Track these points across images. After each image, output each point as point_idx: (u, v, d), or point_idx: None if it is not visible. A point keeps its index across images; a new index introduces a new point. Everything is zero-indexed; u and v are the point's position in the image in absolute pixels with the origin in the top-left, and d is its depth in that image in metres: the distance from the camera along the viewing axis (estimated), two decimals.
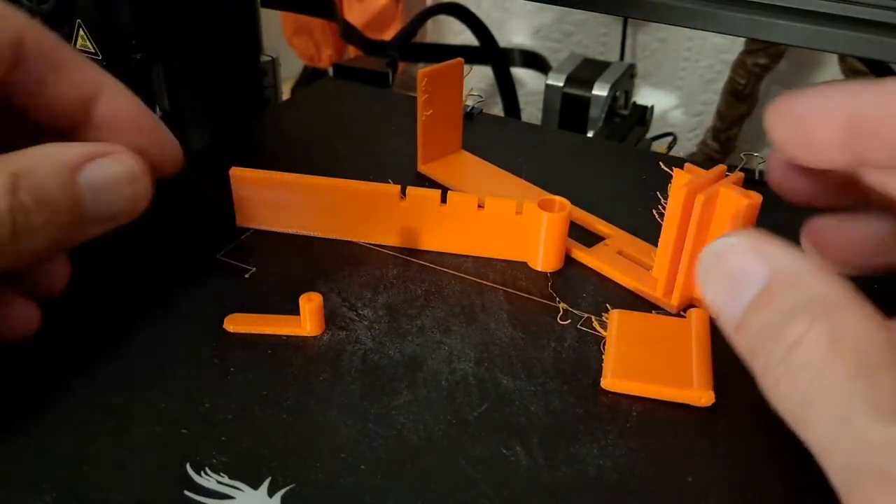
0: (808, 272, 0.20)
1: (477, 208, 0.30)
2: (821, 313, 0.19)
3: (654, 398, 0.24)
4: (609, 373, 0.25)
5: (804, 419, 0.19)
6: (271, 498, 0.21)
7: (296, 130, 0.41)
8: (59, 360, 0.25)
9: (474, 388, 0.25)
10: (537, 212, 0.29)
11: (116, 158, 0.25)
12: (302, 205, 0.31)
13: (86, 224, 0.24)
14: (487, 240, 0.31)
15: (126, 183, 0.25)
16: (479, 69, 1.08)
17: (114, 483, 0.21)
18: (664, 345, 0.26)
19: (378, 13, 1.04)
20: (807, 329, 0.19)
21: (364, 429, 0.23)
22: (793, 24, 0.31)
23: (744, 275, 0.21)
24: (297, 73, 1.04)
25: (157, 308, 0.28)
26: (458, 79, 0.35)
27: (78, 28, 0.33)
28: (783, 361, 0.19)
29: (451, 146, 0.37)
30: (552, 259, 0.30)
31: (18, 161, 0.22)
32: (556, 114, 0.60)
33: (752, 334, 0.21)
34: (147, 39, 0.33)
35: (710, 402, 0.24)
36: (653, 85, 1.07)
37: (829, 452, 0.18)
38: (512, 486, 0.22)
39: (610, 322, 0.27)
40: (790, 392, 0.19)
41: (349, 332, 0.27)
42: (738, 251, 0.22)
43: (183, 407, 0.24)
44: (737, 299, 0.21)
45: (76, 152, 0.24)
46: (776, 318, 0.20)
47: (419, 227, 0.31)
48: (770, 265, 0.21)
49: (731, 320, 0.22)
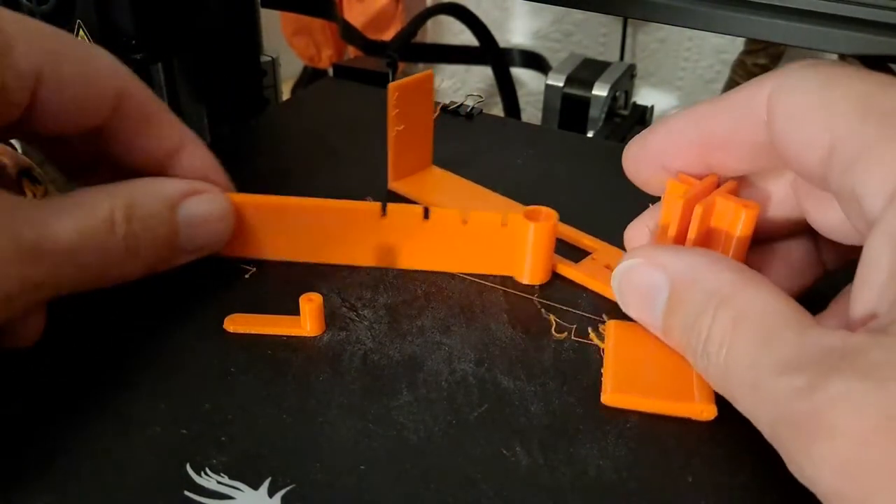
0: (702, 268, 0.23)
1: (461, 223, 0.29)
2: (721, 300, 0.21)
3: (655, 412, 0.24)
4: (609, 387, 0.24)
5: (730, 395, 0.21)
6: (271, 498, 0.21)
7: (296, 130, 0.41)
8: (59, 359, 0.25)
9: (474, 388, 0.25)
10: (523, 223, 0.29)
11: (210, 197, 0.28)
12: (271, 228, 0.30)
13: (177, 253, 0.27)
14: (472, 255, 0.30)
15: (216, 219, 0.28)
16: (479, 69, 1.09)
17: (114, 483, 0.21)
18: (663, 356, 0.25)
19: (378, 13, 1.04)
20: (713, 318, 0.21)
21: (364, 429, 0.23)
22: (793, 24, 0.31)
23: (649, 287, 0.24)
24: (297, 73, 1.04)
25: (157, 308, 0.28)
26: (429, 92, 0.34)
27: (78, 28, 0.33)
28: (704, 352, 0.22)
29: (422, 162, 0.36)
30: (540, 271, 0.30)
31: (131, 192, 0.25)
32: (556, 114, 0.60)
33: (676, 336, 0.24)
34: (147, 39, 0.33)
35: (713, 415, 0.24)
36: (653, 85, 1.07)
37: (755, 417, 0.20)
38: (512, 486, 0.22)
39: (607, 333, 0.27)
40: (715, 375, 0.22)
41: (349, 332, 0.27)
42: (639, 268, 0.24)
43: (183, 407, 0.24)
44: (652, 310, 0.24)
45: (177, 188, 0.27)
46: (689, 316, 0.22)
47: (401, 244, 0.30)
48: (667, 272, 0.23)
49: (656, 328, 0.25)
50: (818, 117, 0.22)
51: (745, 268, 0.22)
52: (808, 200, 0.25)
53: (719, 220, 0.26)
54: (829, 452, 0.17)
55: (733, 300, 0.21)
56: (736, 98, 0.24)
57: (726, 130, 0.25)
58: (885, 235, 0.19)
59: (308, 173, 0.37)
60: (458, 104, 0.42)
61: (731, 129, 0.24)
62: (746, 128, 0.24)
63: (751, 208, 0.25)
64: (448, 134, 0.40)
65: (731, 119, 0.24)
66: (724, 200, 0.25)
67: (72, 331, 0.27)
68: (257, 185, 0.36)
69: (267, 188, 0.35)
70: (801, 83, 0.22)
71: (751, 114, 0.24)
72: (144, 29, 0.33)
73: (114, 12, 0.32)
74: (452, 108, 0.42)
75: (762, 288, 0.21)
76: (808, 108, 0.22)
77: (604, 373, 0.25)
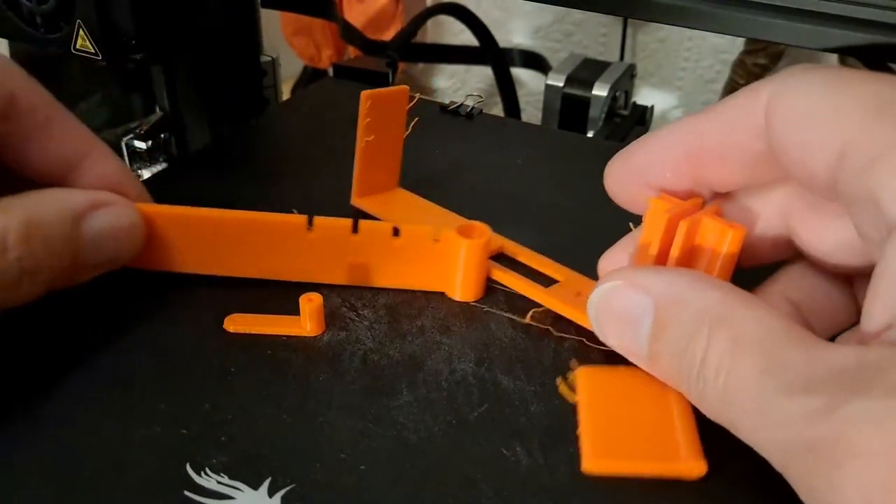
0: (688, 287, 0.21)
1: (392, 238, 0.28)
2: (713, 322, 0.20)
3: (640, 475, 0.22)
4: (589, 452, 0.22)
5: (732, 422, 0.20)
6: (271, 498, 0.21)
7: (296, 130, 0.41)
8: (59, 359, 0.25)
9: (474, 388, 0.25)
10: (456, 239, 0.28)
11: (117, 209, 0.26)
12: (189, 240, 0.28)
13: (82, 269, 0.25)
14: (404, 270, 0.29)
15: (124, 233, 0.26)
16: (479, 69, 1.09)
17: (114, 483, 0.21)
18: (641, 406, 0.23)
19: (378, 13, 1.04)
20: (707, 341, 0.20)
21: (364, 429, 0.23)
22: (793, 24, 0.31)
23: (632, 311, 0.22)
24: (297, 73, 1.04)
25: (157, 308, 0.28)
26: (402, 108, 0.32)
27: (78, 28, 0.33)
28: (699, 377, 0.20)
29: (389, 182, 0.34)
30: (472, 288, 0.28)
31: (29, 207, 0.23)
32: (556, 114, 0.60)
33: (665, 363, 0.22)
34: (147, 39, 0.33)
35: (703, 472, 0.22)
36: (653, 85, 1.07)
37: (761, 444, 0.19)
38: (512, 486, 0.22)
39: (578, 384, 0.24)
40: (714, 402, 0.20)
41: (349, 332, 0.27)
42: (618, 291, 0.22)
43: (183, 407, 0.24)
44: (636, 336, 0.22)
45: (81, 201, 0.25)
46: (679, 340, 0.21)
47: (328, 259, 0.28)
48: (650, 294, 0.22)
49: (640, 357, 0.23)
50: (825, 120, 0.20)
51: (732, 286, 0.21)
52: (799, 222, 0.24)
53: (704, 240, 0.24)
54: (856, 477, 0.16)
55: (728, 320, 0.20)
56: (729, 106, 0.23)
57: (719, 141, 0.23)
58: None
59: (308, 173, 0.37)
60: (458, 104, 0.42)
61: (724, 138, 0.23)
62: (742, 136, 0.22)
63: (737, 229, 0.23)
64: (448, 134, 0.40)
65: (724, 128, 0.23)
66: (710, 220, 0.24)
67: (71, 330, 0.27)
68: (257, 185, 0.36)
69: (267, 188, 0.35)
70: (803, 86, 0.21)
71: (746, 121, 0.22)
72: (144, 29, 0.33)
73: (114, 12, 0.32)
74: (452, 108, 0.42)
75: (756, 306, 0.20)
76: (812, 111, 0.21)
77: (580, 435, 0.23)
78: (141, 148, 0.43)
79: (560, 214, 0.32)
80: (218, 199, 0.32)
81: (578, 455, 0.22)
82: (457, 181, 0.36)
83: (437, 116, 0.42)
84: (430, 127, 0.35)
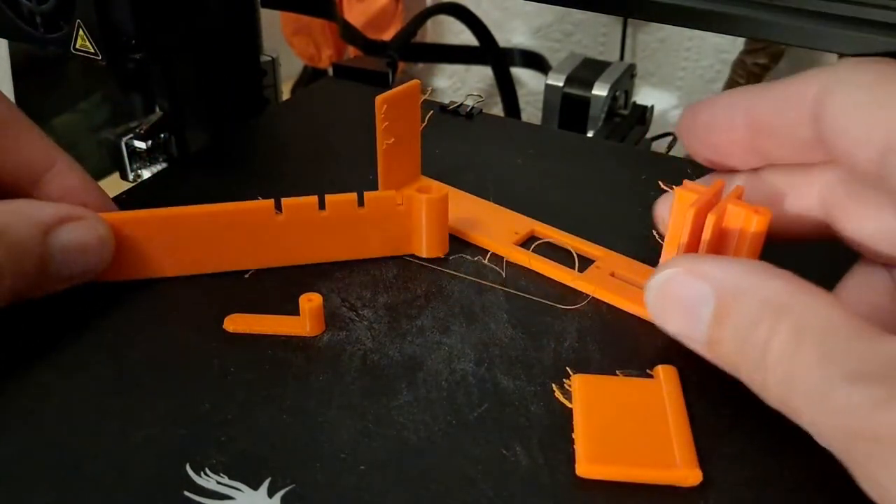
0: (749, 276, 0.21)
1: (357, 208, 0.29)
2: (776, 312, 0.20)
3: (635, 481, 0.22)
4: (584, 457, 0.22)
5: (794, 409, 0.20)
6: (271, 498, 0.21)
7: (296, 130, 0.41)
8: (59, 359, 0.25)
9: (474, 388, 0.25)
10: (417, 197, 0.29)
11: (86, 224, 0.26)
12: (159, 243, 0.28)
13: (48, 281, 0.25)
14: (371, 238, 0.30)
15: (92, 248, 0.26)
16: (479, 69, 1.08)
17: (114, 483, 0.21)
18: (637, 414, 0.24)
19: (378, 13, 1.04)
20: (770, 330, 0.20)
21: (364, 429, 0.23)
22: (793, 24, 0.31)
23: (692, 299, 0.22)
24: (297, 73, 1.04)
25: (157, 308, 0.28)
26: (416, 103, 0.33)
27: (78, 28, 0.33)
28: (761, 365, 0.20)
29: (412, 175, 0.35)
30: (436, 244, 0.30)
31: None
32: (556, 114, 0.60)
33: (725, 350, 0.22)
34: (147, 39, 0.33)
35: (698, 480, 0.22)
36: (653, 85, 1.07)
37: (822, 431, 0.19)
38: (512, 486, 0.22)
39: (574, 391, 0.24)
40: (776, 388, 0.20)
41: (349, 332, 0.27)
42: (678, 280, 0.23)
43: (183, 407, 0.24)
44: (696, 323, 0.22)
45: (50, 213, 0.25)
46: (741, 327, 0.21)
47: (300, 239, 0.29)
48: (711, 282, 0.22)
49: (700, 343, 0.23)
50: (871, 113, 0.21)
51: (793, 275, 0.21)
52: (840, 208, 0.25)
53: (731, 226, 0.25)
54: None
55: (791, 309, 0.20)
56: (783, 90, 0.24)
57: (773, 119, 0.24)
58: None
59: (308, 173, 0.37)
60: (458, 104, 0.42)
61: (777, 119, 0.24)
62: (792, 122, 0.24)
63: (762, 214, 0.24)
64: (448, 134, 0.40)
65: (777, 109, 0.24)
66: (735, 207, 0.25)
67: (71, 329, 0.27)
68: (257, 185, 0.36)
69: (266, 188, 0.35)
70: (852, 78, 0.22)
71: (797, 109, 0.23)
72: (144, 29, 0.33)
73: (114, 12, 0.32)
74: (452, 108, 0.42)
75: (819, 296, 0.20)
76: (859, 104, 0.22)
77: (575, 439, 0.23)
78: (141, 148, 0.43)
79: (560, 214, 0.32)
80: (218, 199, 0.32)
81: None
82: (457, 181, 0.36)
83: (438, 116, 0.42)
84: (431, 127, 0.35)
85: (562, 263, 0.30)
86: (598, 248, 0.31)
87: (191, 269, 0.29)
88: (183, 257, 0.29)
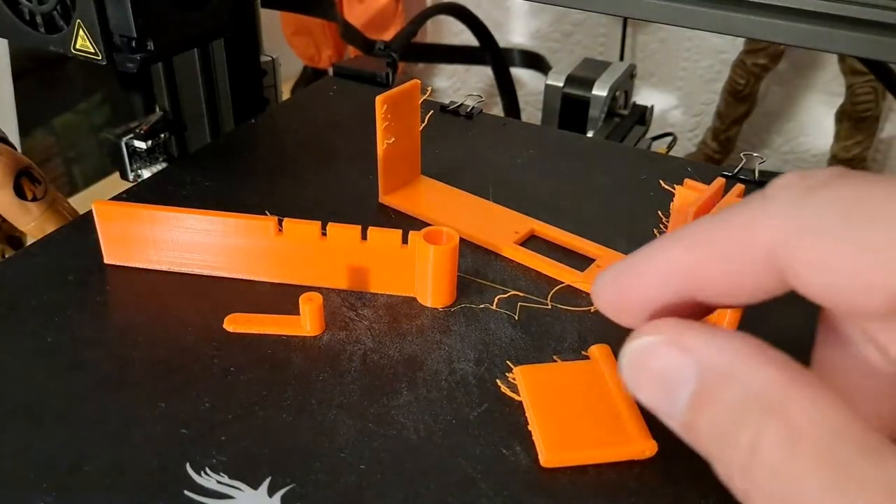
0: (738, 360, 0.18)
1: (359, 241, 0.28)
2: (767, 410, 0.17)
3: (596, 462, 0.22)
4: (546, 448, 0.22)
5: None
6: (271, 498, 0.21)
7: (296, 130, 0.41)
8: (59, 359, 0.25)
9: (474, 388, 0.25)
10: (423, 245, 0.27)
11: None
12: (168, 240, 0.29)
13: None
14: (373, 274, 0.29)
15: None
16: (479, 69, 1.09)
17: (114, 483, 0.21)
18: (584, 396, 0.24)
19: (378, 13, 1.04)
20: (758, 432, 0.17)
21: (364, 428, 0.23)
22: (793, 24, 0.31)
23: (672, 375, 0.19)
24: (297, 73, 1.04)
25: (157, 308, 0.28)
26: (416, 102, 0.33)
27: (78, 28, 0.33)
28: (747, 471, 0.17)
29: (412, 174, 0.35)
30: (443, 294, 0.28)
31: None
32: (555, 114, 0.60)
33: (703, 438, 0.19)
34: (147, 39, 0.33)
35: (654, 451, 0.22)
36: (653, 85, 1.07)
37: None
38: (512, 486, 0.22)
39: (519, 383, 0.25)
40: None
41: (349, 332, 0.27)
42: (660, 350, 0.20)
43: (183, 407, 0.24)
44: (673, 400, 0.19)
45: None
46: (722, 421, 0.18)
47: (298, 261, 0.29)
48: (696, 360, 0.19)
49: (675, 422, 0.20)
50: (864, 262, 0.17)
51: (791, 361, 0.18)
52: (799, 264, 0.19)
53: None
54: None
55: (784, 410, 0.17)
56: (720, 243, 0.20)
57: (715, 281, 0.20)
58: None
59: (308, 173, 0.37)
60: (458, 104, 0.42)
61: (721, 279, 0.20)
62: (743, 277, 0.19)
63: None
64: (448, 134, 0.40)
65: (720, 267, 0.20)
66: None
67: (71, 330, 0.27)
68: (256, 184, 0.36)
69: (266, 188, 0.35)
70: (816, 225, 0.18)
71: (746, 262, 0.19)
72: (144, 29, 0.33)
73: (114, 12, 0.32)
74: (452, 108, 0.42)
75: (817, 394, 0.17)
76: (844, 256, 0.18)
77: (532, 431, 0.23)
78: (141, 148, 0.43)
79: (560, 214, 0.32)
80: (218, 198, 0.32)
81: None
82: (457, 181, 0.36)
83: (438, 116, 0.42)
84: (430, 127, 0.35)
85: (562, 263, 0.30)
86: (598, 247, 0.31)
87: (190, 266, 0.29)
88: (184, 257, 0.29)
